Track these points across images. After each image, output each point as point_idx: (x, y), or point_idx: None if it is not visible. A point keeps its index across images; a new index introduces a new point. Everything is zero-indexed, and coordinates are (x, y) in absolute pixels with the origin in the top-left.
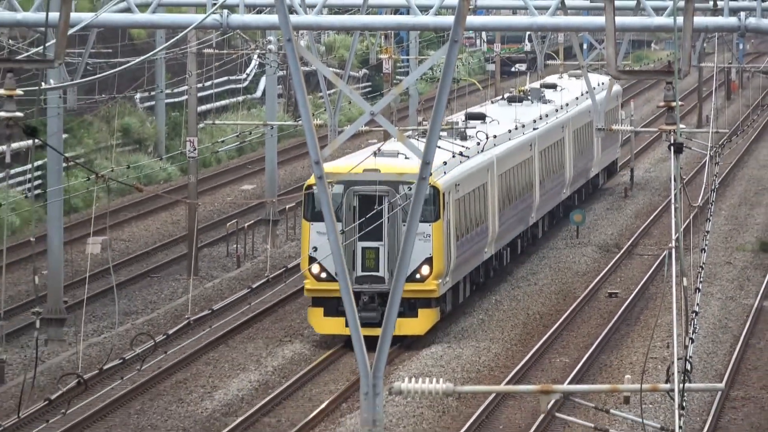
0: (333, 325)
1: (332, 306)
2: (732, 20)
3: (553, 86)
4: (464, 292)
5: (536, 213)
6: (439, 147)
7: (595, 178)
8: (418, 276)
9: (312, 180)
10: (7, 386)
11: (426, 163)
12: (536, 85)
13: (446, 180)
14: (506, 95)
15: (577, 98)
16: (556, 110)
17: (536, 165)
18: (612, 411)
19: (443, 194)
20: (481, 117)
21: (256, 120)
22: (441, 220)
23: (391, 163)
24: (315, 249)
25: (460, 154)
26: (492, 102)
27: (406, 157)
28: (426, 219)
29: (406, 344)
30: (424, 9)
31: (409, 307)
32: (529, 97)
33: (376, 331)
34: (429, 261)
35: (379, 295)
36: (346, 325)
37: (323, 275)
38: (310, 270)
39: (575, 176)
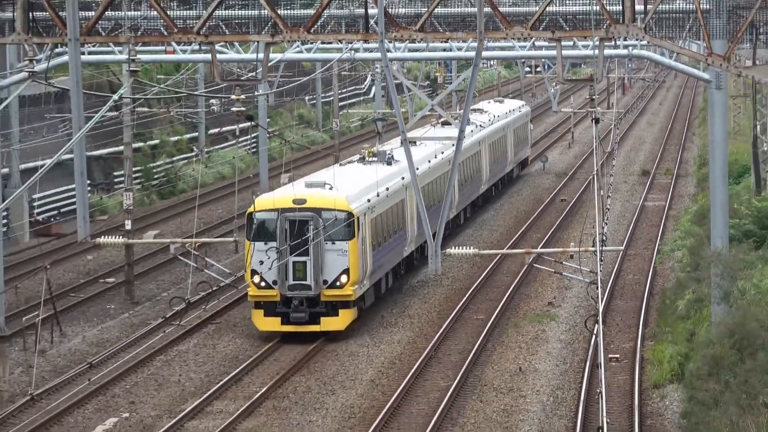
0: (271, 323)
1: (270, 308)
2: (624, 51)
3: (480, 110)
4: (386, 284)
5: (456, 208)
6: (355, 174)
7: (510, 172)
8: (338, 284)
9: (253, 208)
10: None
11: (461, 131)
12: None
13: (360, 205)
14: (441, 121)
15: (496, 116)
16: (476, 128)
17: (456, 173)
18: (563, 263)
19: (357, 218)
20: (412, 143)
21: (369, 110)
22: (356, 238)
23: (316, 194)
24: (261, 263)
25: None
26: (433, 125)
27: (330, 188)
28: (343, 238)
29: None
30: (459, 48)
31: (332, 308)
32: (458, 120)
33: (305, 328)
34: (346, 272)
35: (307, 299)
36: (282, 323)
37: (262, 284)
38: (252, 280)
39: (491, 175)
